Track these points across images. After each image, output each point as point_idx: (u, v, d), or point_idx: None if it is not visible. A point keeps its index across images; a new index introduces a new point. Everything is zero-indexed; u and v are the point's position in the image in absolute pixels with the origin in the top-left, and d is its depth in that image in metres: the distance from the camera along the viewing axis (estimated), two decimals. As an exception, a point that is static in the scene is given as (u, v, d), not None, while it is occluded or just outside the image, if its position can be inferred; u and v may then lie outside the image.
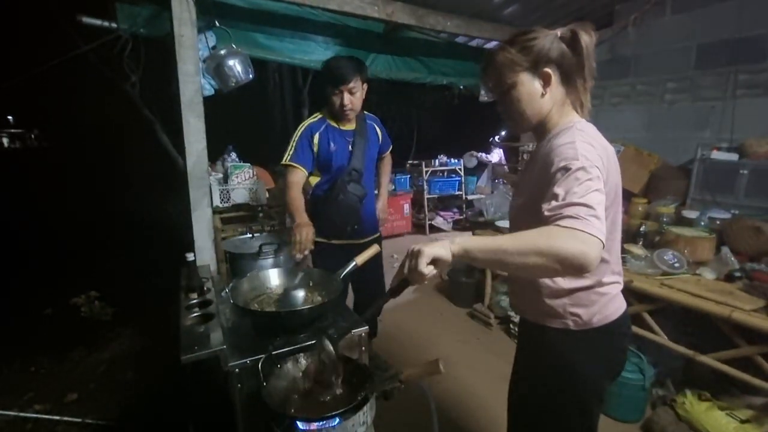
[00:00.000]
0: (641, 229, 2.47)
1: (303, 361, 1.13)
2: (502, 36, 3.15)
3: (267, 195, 2.83)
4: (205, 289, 1.58)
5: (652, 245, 2.35)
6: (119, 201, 6.55)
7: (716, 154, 2.52)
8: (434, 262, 0.82)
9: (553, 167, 0.84)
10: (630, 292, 2.06)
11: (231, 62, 2.17)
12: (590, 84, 0.98)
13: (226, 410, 1.25)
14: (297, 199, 1.90)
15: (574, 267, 0.72)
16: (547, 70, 0.94)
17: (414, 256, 0.83)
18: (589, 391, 1.03)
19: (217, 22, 2.24)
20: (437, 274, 0.87)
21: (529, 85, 0.96)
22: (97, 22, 2.22)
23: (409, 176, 5.92)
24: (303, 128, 1.98)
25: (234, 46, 2.21)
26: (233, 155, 2.82)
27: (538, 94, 0.96)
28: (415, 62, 3.41)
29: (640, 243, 2.39)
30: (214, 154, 2.53)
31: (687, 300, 1.84)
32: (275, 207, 2.86)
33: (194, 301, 1.49)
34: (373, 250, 1.55)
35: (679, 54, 2.89)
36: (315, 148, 1.96)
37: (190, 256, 1.56)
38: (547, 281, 1.01)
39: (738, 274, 1.97)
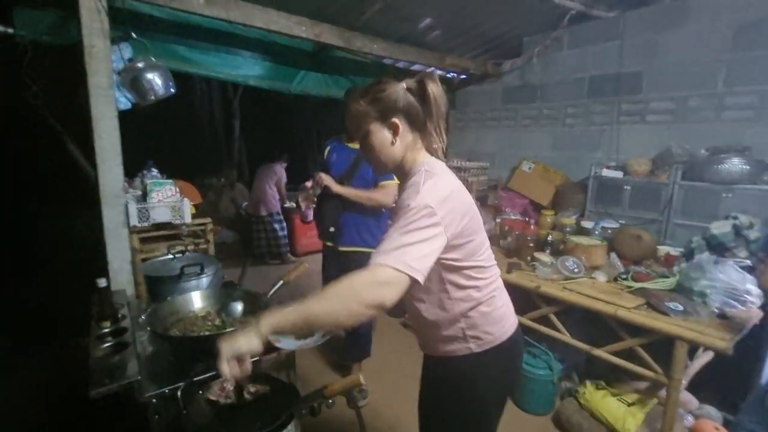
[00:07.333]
0: (548, 238, 2.76)
1: (225, 385, 1.13)
2: (426, 60, 3.36)
3: (193, 211, 2.71)
4: (120, 316, 1.49)
5: (558, 253, 2.64)
6: (23, 219, 5.77)
7: (606, 172, 2.91)
8: (238, 358, 0.83)
9: (399, 204, 0.97)
10: (539, 296, 2.29)
11: (149, 75, 2.08)
12: (443, 126, 1.07)
13: (144, 444, 1.19)
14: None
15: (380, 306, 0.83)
16: (395, 120, 1.02)
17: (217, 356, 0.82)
18: (489, 404, 1.13)
19: (133, 34, 2.14)
20: (248, 370, 0.88)
21: (380, 134, 1.03)
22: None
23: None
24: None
25: (153, 58, 2.13)
26: (153, 171, 2.66)
27: (389, 141, 1.03)
28: (345, 81, 3.51)
29: (548, 251, 2.67)
30: (133, 169, 2.38)
31: (583, 301, 2.10)
32: (202, 224, 2.75)
33: (107, 330, 1.41)
34: (302, 268, 1.59)
35: (575, 84, 3.31)
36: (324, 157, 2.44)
37: (101, 282, 1.47)
38: (438, 310, 1.07)
39: (624, 276, 2.29)
